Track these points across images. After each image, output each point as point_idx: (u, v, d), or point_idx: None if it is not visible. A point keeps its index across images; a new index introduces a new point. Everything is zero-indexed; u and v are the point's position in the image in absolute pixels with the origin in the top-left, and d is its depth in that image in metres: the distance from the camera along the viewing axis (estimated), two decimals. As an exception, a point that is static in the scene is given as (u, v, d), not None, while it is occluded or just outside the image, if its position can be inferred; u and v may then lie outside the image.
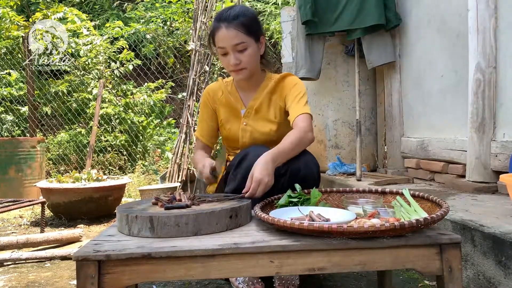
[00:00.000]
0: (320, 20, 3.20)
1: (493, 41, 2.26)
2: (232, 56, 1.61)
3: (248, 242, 1.05)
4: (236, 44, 1.60)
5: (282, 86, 1.75)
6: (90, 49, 5.82)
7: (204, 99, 1.85)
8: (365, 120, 3.59)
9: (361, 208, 1.26)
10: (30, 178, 4.06)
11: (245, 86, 1.79)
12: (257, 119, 1.75)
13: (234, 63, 1.61)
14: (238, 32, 1.59)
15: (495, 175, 2.26)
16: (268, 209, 1.30)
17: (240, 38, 1.59)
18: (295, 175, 1.50)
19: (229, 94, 1.80)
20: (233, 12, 1.62)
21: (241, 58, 1.62)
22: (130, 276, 1.01)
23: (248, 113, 1.76)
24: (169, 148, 5.32)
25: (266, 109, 1.76)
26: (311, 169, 1.53)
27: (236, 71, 1.64)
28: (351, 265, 1.04)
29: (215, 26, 1.63)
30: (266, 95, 1.75)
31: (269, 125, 1.74)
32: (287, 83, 1.74)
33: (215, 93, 1.83)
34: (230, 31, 1.59)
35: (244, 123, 1.76)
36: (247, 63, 1.64)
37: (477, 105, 2.32)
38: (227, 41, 1.59)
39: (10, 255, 2.12)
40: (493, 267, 1.43)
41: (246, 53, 1.62)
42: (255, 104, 1.76)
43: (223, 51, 1.62)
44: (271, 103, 1.76)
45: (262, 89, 1.77)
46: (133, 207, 1.27)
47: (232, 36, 1.59)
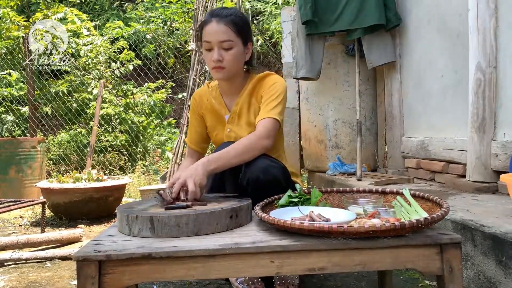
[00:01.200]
0: (320, 20, 3.20)
1: (494, 41, 2.26)
2: (216, 52, 1.57)
3: (248, 242, 1.05)
4: (223, 40, 1.56)
5: (260, 86, 1.69)
6: (90, 49, 5.82)
7: (192, 105, 1.83)
8: (366, 120, 3.59)
9: (361, 208, 1.26)
10: (30, 178, 4.06)
11: (228, 90, 1.74)
12: (240, 124, 1.70)
13: (216, 59, 1.57)
14: (228, 29, 1.57)
15: (496, 175, 2.26)
16: (268, 209, 1.30)
17: (228, 36, 1.57)
18: (255, 183, 1.43)
19: (213, 100, 1.76)
20: (227, 10, 1.61)
21: (224, 56, 1.58)
22: (130, 276, 1.01)
23: (232, 119, 1.72)
24: (169, 148, 5.33)
25: (247, 112, 1.70)
26: (272, 174, 1.44)
27: (216, 68, 1.59)
28: (351, 265, 1.04)
29: (205, 20, 1.61)
30: (245, 98, 1.70)
31: (251, 129, 1.64)
32: (265, 83, 1.68)
33: (201, 98, 1.80)
34: (220, 26, 1.56)
35: (228, 129, 1.72)
36: (228, 63, 1.59)
37: (477, 105, 2.32)
38: (214, 36, 1.56)
39: (11, 255, 2.12)
40: (493, 267, 1.43)
41: (230, 52, 1.58)
42: (237, 108, 1.71)
43: (208, 45, 1.58)
44: (250, 106, 1.70)
45: (244, 91, 1.71)
46: (134, 207, 1.27)
47: (221, 32, 1.56)
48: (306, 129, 3.84)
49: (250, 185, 1.45)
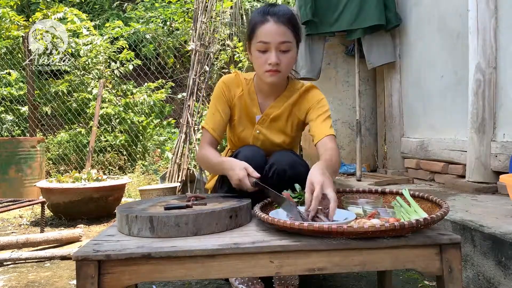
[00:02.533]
0: (320, 20, 3.20)
1: (493, 42, 2.26)
2: (273, 54, 1.47)
3: (248, 242, 1.05)
4: (283, 42, 1.47)
5: (306, 99, 1.64)
6: (90, 49, 5.82)
7: (220, 90, 1.66)
8: (365, 120, 3.59)
9: (361, 208, 1.26)
10: (30, 178, 4.06)
11: (266, 91, 1.65)
12: (272, 129, 1.66)
13: (275, 62, 1.47)
14: (287, 30, 1.48)
15: (495, 175, 2.26)
16: (268, 209, 1.30)
17: (287, 37, 1.48)
18: (281, 176, 1.45)
19: (248, 95, 1.66)
20: (282, 9, 1.51)
21: (282, 58, 1.49)
22: (130, 276, 1.01)
23: (263, 121, 1.65)
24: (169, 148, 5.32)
25: (284, 121, 1.66)
26: (298, 170, 1.46)
27: (272, 71, 1.50)
28: (351, 265, 1.04)
29: (259, 19, 1.49)
30: (287, 106, 1.65)
31: (283, 137, 1.66)
32: (311, 97, 1.64)
33: (233, 86, 1.67)
34: (280, 27, 1.46)
35: (257, 131, 1.66)
36: (285, 66, 1.51)
37: (477, 105, 2.32)
38: (274, 37, 1.46)
39: (10, 255, 2.11)
40: (493, 268, 1.43)
41: (287, 55, 1.50)
42: (272, 112, 1.65)
43: (264, 46, 1.48)
44: (290, 115, 1.66)
45: (283, 98, 1.65)
46: (133, 207, 1.27)
47: (281, 33, 1.46)
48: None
49: (275, 177, 1.46)
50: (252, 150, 1.53)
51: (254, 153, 1.52)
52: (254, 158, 1.49)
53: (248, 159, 1.46)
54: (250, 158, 1.47)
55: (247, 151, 1.52)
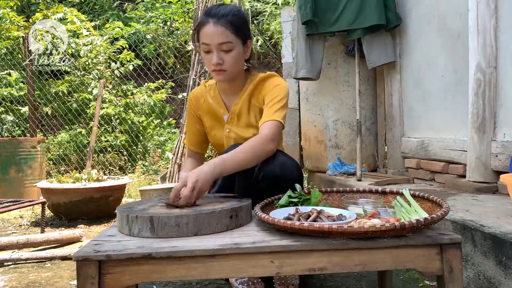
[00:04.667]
0: (320, 20, 3.20)
1: (494, 41, 2.26)
2: (215, 55, 1.52)
3: (248, 242, 1.05)
4: (222, 43, 1.51)
5: (262, 88, 1.65)
6: (90, 49, 5.82)
7: (188, 106, 1.78)
8: (366, 120, 3.59)
9: (361, 208, 1.26)
10: (30, 178, 4.06)
11: (227, 90, 1.70)
12: (240, 125, 1.68)
13: (216, 62, 1.52)
14: (226, 30, 1.51)
15: (496, 175, 2.26)
16: (268, 209, 1.30)
17: (227, 37, 1.51)
18: (272, 179, 1.43)
19: (211, 99, 1.72)
20: (223, 9, 1.54)
21: (224, 58, 1.53)
22: (130, 276, 1.01)
23: (231, 119, 1.68)
24: (169, 148, 5.33)
25: (246, 114, 1.67)
26: (288, 172, 1.45)
27: (217, 71, 1.55)
28: (351, 265, 1.04)
29: (202, 21, 1.54)
30: (245, 99, 1.67)
31: (252, 130, 1.64)
32: (267, 85, 1.64)
33: (198, 99, 1.75)
34: (217, 28, 1.50)
35: (227, 130, 1.69)
36: (229, 65, 1.55)
37: (477, 105, 2.32)
38: (213, 38, 1.51)
39: (11, 255, 2.12)
40: (493, 267, 1.43)
41: (230, 54, 1.54)
42: (236, 108, 1.67)
43: (207, 48, 1.53)
44: (250, 107, 1.67)
45: (244, 92, 1.67)
46: (134, 207, 1.27)
47: (219, 34, 1.50)
48: (306, 129, 3.84)
49: (266, 179, 1.44)
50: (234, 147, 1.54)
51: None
52: None
53: None
54: None
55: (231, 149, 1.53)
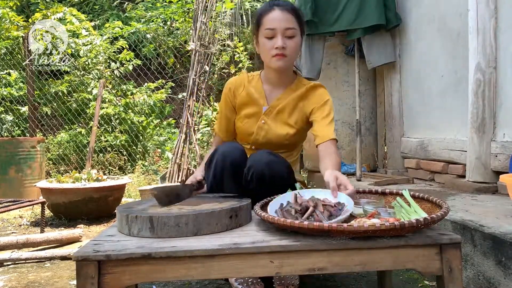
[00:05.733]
0: (320, 20, 3.20)
1: (493, 41, 2.26)
2: (279, 38, 1.57)
3: (248, 242, 1.05)
4: (288, 28, 1.58)
5: (313, 96, 1.70)
6: (90, 49, 5.82)
7: (225, 94, 1.78)
8: (365, 120, 3.59)
9: (361, 208, 1.26)
10: (30, 178, 4.06)
11: (274, 81, 1.72)
12: (277, 120, 1.70)
13: (281, 45, 1.57)
14: (292, 17, 1.59)
15: (495, 175, 2.26)
16: (267, 208, 1.30)
17: (293, 24, 1.59)
18: (261, 178, 1.44)
19: (253, 89, 1.73)
20: (286, 1, 1.64)
21: (288, 43, 1.59)
22: (130, 276, 1.01)
23: (270, 112, 1.70)
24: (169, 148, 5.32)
25: (289, 113, 1.70)
26: (276, 170, 1.45)
27: (279, 55, 1.58)
28: (351, 265, 1.04)
29: (265, 9, 1.61)
30: (293, 99, 1.69)
31: (288, 129, 1.69)
32: (318, 95, 1.70)
33: (237, 88, 1.76)
34: (284, 14, 1.58)
35: (262, 121, 1.70)
36: (291, 51, 1.60)
37: (477, 105, 2.32)
38: (279, 23, 1.57)
39: (10, 255, 2.11)
40: (493, 267, 1.43)
41: (293, 40, 1.60)
42: (279, 104, 1.70)
43: (271, 33, 1.58)
44: (296, 108, 1.70)
45: (289, 91, 1.71)
46: (133, 207, 1.27)
47: (286, 19, 1.58)
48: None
49: (254, 179, 1.45)
50: (230, 146, 1.56)
51: (232, 149, 1.54)
52: (232, 153, 1.51)
53: (226, 154, 1.50)
54: (228, 153, 1.50)
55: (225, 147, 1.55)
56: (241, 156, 1.53)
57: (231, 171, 1.50)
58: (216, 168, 1.49)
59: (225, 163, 1.49)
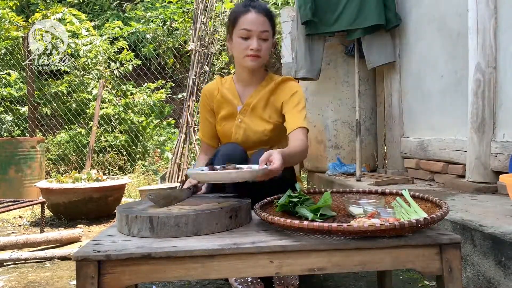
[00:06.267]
0: (320, 20, 3.20)
1: (493, 41, 2.26)
2: (255, 41, 1.63)
3: (248, 242, 1.05)
4: (263, 31, 1.64)
5: (282, 89, 1.75)
6: (89, 49, 5.82)
7: (202, 100, 1.87)
8: (365, 120, 3.59)
9: (361, 209, 1.26)
10: (30, 178, 4.06)
11: (246, 80, 1.78)
12: (253, 117, 1.75)
13: (256, 48, 1.63)
14: (267, 20, 1.65)
15: (495, 175, 2.26)
16: (268, 209, 1.30)
17: (267, 27, 1.65)
18: None
19: (226, 91, 1.80)
20: (261, 4, 1.69)
21: (262, 45, 1.65)
22: (130, 276, 1.01)
23: (244, 110, 1.76)
24: (169, 148, 5.32)
25: (262, 108, 1.75)
26: None
27: (254, 56, 1.65)
28: (351, 265, 1.04)
29: (241, 10, 1.66)
30: (264, 94, 1.75)
31: (264, 125, 1.74)
32: (287, 87, 1.75)
33: (211, 92, 1.83)
34: (260, 17, 1.64)
35: (239, 120, 1.76)
36: (264, 53, 1.67)
37: (477, 105, 2.32)
38: (255, 25, 1.63)
39: (10, 255, 2.11)
40: (493, 267, 1.43)
41: (267, 43, 1.67)
42: (252, 101, 1.75)
43: (247, 34, 1.64)
44: (268, 103, 1.75)
45: (260, 87, 1.76)
46: (133, 207, 1.27)
47: (261, 22, 1.64)
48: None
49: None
50: (232, 146, 1.60)
51: (234, 150, 1.59)
52: (234, 154, 1.56)
53: (229, 155, 1.53)
54: (230, 154, 1.54)
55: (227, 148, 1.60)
56: (241, 156, 1.56)
57: None
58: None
59: (225, 163, 1.49)
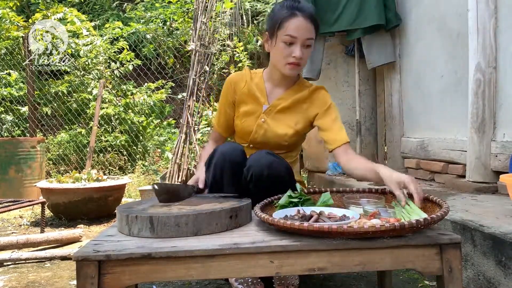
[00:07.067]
0: (320, 20, 3.18)
1: (493, 41, 2.26)
2: (299, 48, 1.55)
3: (248, 242, 1.05)
4: (309, 38, 1.57)
5: (316, 99, 1.70)
6: (90, 49, 5.82)
7: (225, 88, 1.76)
8: (365, 120, 3.59)
9: (362, 208, 1.26)
10: (30, 178, 4.06)
11: (277, 81, 1.71)
12: (277, 120, 1.69)
13: (299, 56, 1.56)
14: (313, 27, 1.58)
15: (495, 175, 2.26)
16: (268, 209, 1.30)
17: (312, 35, 1.58)
18: (260, 179, 1.43)
19: (254, 86, 1.72)
20: (307, 7, 1.59)
21: (304, 53, 1.58)
22: (130, 276, 1.01)
23: (270, 111, 1.69)
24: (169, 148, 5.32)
25: (290, 113, 1.69)
26: (276, 170, 1.44)
27: (294, 64, 1.58)
28: (351, 265, 1.04)
29: (288, 14, 1.56)
30: (295, 100, 1.69)
31: (287, 130, 1.68)
32: (322, 98, 1.70)
33: (237, 83, 1.74)
34: (308, 24, 1.56)
35: (262, 119, 1.69)
36: (304, 61, 1.61)
37: (477, 105, 2.32)
38: (302, 33, 1.55)
39: (10, 255, 2.12)
40: (493, 267, 1.43)
41: (308, 50, 1.60)
42: (280, 103, 1.69)
43: (292, 40, 1.55)
44: (298, 110, 1.70)
45: (292, 92, 1.70)
46: (133, 207, 1.27)
47: (309, 29, 1.56)
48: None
49: (253, 180, 1.45)
50: (230, 146, 1.55)
51: (232, 149, 1.53)
52: (231, 153, 1.51)
53: (225, 154, 1.49)
54: (228, 154, 1.50)
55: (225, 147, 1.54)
56: (240, 156, 1.53)
57: (230, 171, 1.49)
58: (215, 168, 1.49)
59: (225, 163, 1.49)
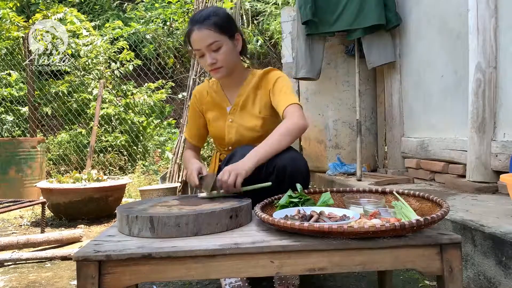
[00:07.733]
0: (320, 20, 3.20)
1: (493, 41, 2.26)
2: (208, 56, 1.64)
3: (248, 242, 1.05)
4: (210, 44, 1.62)
5: (266, 81, 1.77)
6: (90, 49, 5.82)
7: (192, 102, 1.90)
8: (365, 120, 3.59)
9: (362, 208, 1.26)
10: (30, 178, 4.06)
11: (228, 84, 1.81)
12: (243, 115, 1.78)
13: (211, 63, 1.64)
14: (210, 31, 1.61)
15: (496, 175, 2.26)
16: (268, 209, 1.30)
17: (213, 37, 1.62)
18: (282, 172, 1.49)
19: (214, 93, 1.83)
20: (204, 13, 1.65)
21: (216, 57, 1.64)
22: (130, 276, 1.01)
23: (234, 110, 1.79)
24: (169, 148, 5.32)
25: (251, 105, 1.78)
26: (298, 166, 1.51)
27: (214, 70, 1.67)
28: (351, 265, 1.04)
29: (189, 29, 1.66)
30: (250, 91, 1.78)
31: (254, 120, 1.76)
32: (270, 77, 1.76)
33: (201, 94, 1.87)
34: (202, 32, 1.61)
35: (230, 120, 1.79)
36: (223, 62, 1.66)
37: (477, 105, 2.32)
38: (200, 43, 1.62)
39: (11, 255, 2.12)
40: (493, 267, 1.43)
41: (220, 51, 1.64)
42: (240, 100, 1.78)
43: (199, 53, 1.65)
44: (256, 98, 1.78)
45: (246, 85, 1.79)
46: (134, 207, 1.27)
47: (204, 37, 1.61)
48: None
49: (276, 172, 1.50)
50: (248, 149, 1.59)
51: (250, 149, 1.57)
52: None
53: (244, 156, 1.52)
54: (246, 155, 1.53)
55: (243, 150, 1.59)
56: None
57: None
58: None
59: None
